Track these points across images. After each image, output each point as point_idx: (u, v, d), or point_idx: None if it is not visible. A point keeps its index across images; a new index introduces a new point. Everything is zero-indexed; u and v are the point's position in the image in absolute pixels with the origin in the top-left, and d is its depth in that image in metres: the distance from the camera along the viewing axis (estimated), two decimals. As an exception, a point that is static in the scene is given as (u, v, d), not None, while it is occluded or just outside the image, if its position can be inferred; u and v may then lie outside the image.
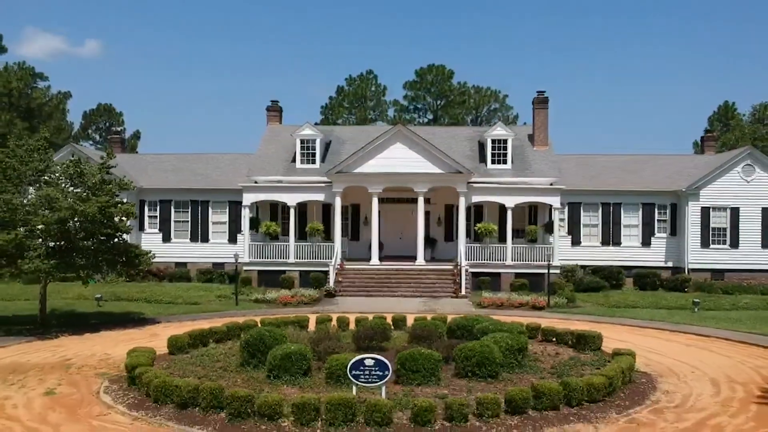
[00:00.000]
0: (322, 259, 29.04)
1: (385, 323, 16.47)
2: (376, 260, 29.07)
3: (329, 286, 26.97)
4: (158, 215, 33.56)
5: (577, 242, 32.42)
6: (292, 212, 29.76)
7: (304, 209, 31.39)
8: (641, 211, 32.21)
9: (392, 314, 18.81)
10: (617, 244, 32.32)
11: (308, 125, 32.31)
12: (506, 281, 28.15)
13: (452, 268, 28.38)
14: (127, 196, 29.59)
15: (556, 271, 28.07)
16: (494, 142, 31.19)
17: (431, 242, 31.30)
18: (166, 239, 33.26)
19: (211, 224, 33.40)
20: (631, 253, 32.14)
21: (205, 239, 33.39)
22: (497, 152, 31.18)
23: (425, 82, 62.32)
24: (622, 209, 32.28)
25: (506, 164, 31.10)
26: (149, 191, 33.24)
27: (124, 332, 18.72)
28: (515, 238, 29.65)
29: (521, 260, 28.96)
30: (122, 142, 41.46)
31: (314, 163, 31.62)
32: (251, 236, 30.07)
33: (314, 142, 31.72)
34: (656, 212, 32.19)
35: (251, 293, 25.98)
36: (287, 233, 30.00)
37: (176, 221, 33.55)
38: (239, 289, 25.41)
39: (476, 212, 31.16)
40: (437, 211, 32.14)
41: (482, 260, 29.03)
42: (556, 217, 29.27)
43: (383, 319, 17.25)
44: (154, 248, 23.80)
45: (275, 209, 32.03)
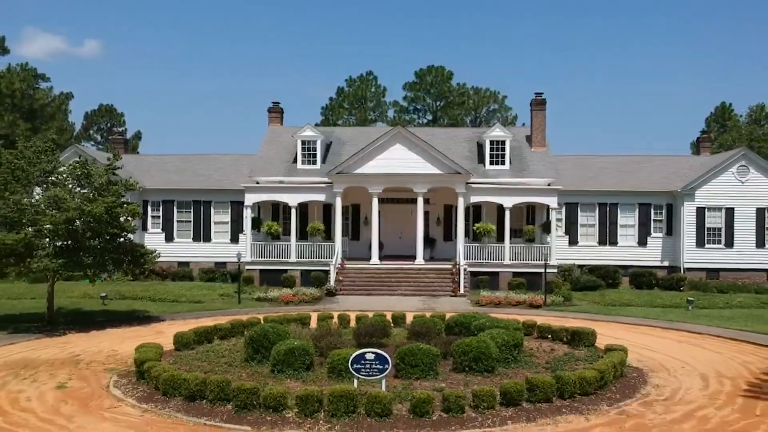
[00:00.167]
0: (322, 258, 29.45)
1: (385, 321, 16.76)
2: (376, 260, 29.50)
3: (330, 285, 27.38)
4: (161, 215, 33.99)
5: (574, 242, 32.85)
6: (293, 212, 30.19)
7: (305, 209, 31.85)
8: (637, 211, 32.65)
9: (392, 312, 19.10)
10: (614, 243, 32.76)
11: (309, 126, 32.73)
12: (504, 280, 28.56)
13: (451, 267, 28.81)
14: (130, 196, 29.95)
15: (553, 270, 28.48)
16: (492, 143, 31.61)
17: (430, 242, 31.72)
18: (168, 239, 33.69)
19: (213, 224, 33.83)
20: (627, 252, 32.58)
21: (207, 239, 33.82)
22: (495, 153, 31.60)
23: (425, 83, 62.68)
24: (618, 209, 32.72)
25: (504, 165, 31.52)
26: (152, 191, 33.64)
27: (129, 330, 19.07)
28: (513, 237, 30.08)
29: (519, 260, 29.40)
30: (125, 143, 41.86)
31: (315, 163, 32.04)
32: (253, 236, 30.48)
33: (315, 143, 32.13)
34: (652, 212, 32.63)
35: (253, 292, 26.38)
36: (288, 233, 30.44)
37: (179, 221, 33.99)
38: (241, 287, 25.85)
39: (475, 212, 31.61)
40: (436, 211, 32.56)
41: (481, 260, 29.45)
42: (553, 217, 29.72)
43: (383, 316, 17.52)
44: (157, 248, 24.00)
45: (276, 209, 32.46)
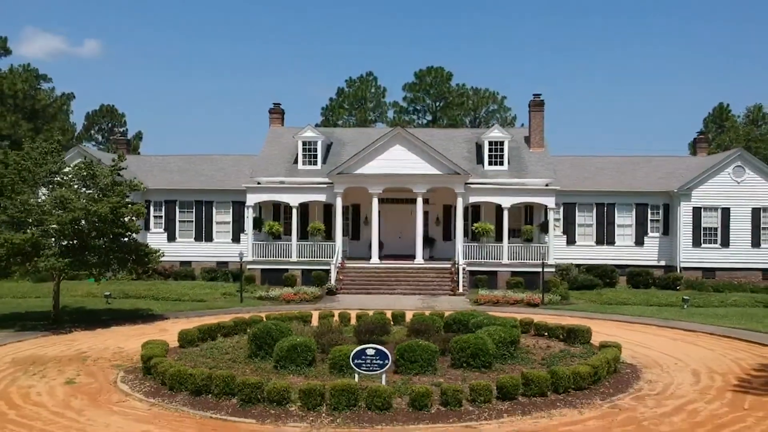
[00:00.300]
0: (323, 257, 29.80)
1: (385, 318, 17.07)
2: (376, 259, 29.84)
3: (331, 284, 27.72)
4: (163, 215, 34.31)
5: (572, 241, 33.19)
6: (294, 212, 30.55)
7: (305, 209, 32.23)
8: (635, 211, 32.98)
9: (392, 311, 19.41)
10: (611, 243, 33.09)
11: (310, 127, 33.07)
12: (503, 279, 28.89)
13: (450, 266, 29.16)
14: (133, 196, 30.31)
15: (551, 269, 28.82)
16: (491, 144, 31.95)
17: (430, 242, 32.06)
18: (171, 239, 34.01)
19: (215, 224, 34.16)
20: (624, 252, 32.90)
21: (209, 239, 34.16)
22: (494, 154, 31.94)
23: (424, 83, 62.98)
24: (616, 209, 33.04)
25: (503, 165, 31.86)
26: (154, 192, 33.96)
27: (134, 328, 19.41)
28: (511, 237, 30.44)
29: (517, 259, 29.76)
30: (127, 143, 42.23)
31: (316, 164, 32.38)
32: (254, 236, 30.83)
33: (316, 143, 32.47)
34: (649, 212, 32.97)
35: (255, 291, 26.72)
36: (290, 233, 30.79)
37: (181, 221, 34.32)
38: (243, 286, 26.20)
39: (474, 212, 31.97)
40: (436, 211, 32.92)
41: (479, 259, 29.80)
42: (551, 217, 30.07)
43: (383, 315, 17.77)
44: (159, 247, 24.45)
45: (278, 209, 32.82)
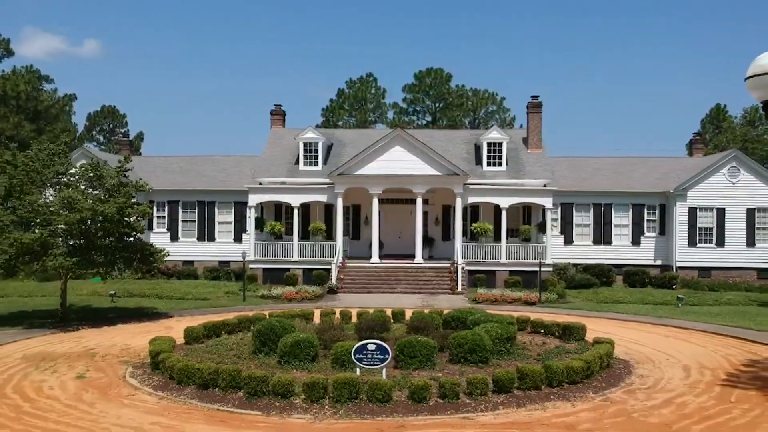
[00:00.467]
0: (324, 257, 30.25)
1: (385, 316, 17.45)
2: (376, 258, 30.28)
3: (331, 283, 28.13)
4: (166, 215, 34.77)
5: (569, 241, 33.63)
6: (295, 212, 30.98)
7: (307, 209, 32.68)
8: (631, 211, 33.43)
9: (392, 309, 19.64)
10: (608, 243, 33.53)
11: (311, 129, 33.53)
12: (501, 278, 29.34)
13: (449, 266, 29.60)
14: (137, 196, 30.76)
15: (548, 269, 29.26)
16: (490, 145, 32.38)
17: (429, 241, 32.51)
18: (174, 239, 34.43)
19: (217, 224, 34.61)
20: (621, 251, 33.36)
21: (211, 238, 34.61)
22: (493, 155, 32.37)
23: (424, 85, 63.44)
24: (612, 210, 33.49)
25: (501, 166, 32.30)
26: (157, 192, 34.36)
27: (139, 325, 19.81)
28: (510, 237, 30.89)
29: (515, 258, 30.20)
30: (130, 144, 42.64)
31: (317, 165, 32.82)
32: (256, 235, 31.27)
33: (317, 145, 32.91)
34: (645, 212, 33.41)
35: (257, 290, 27.14)
36: (291, 233, 31.25)
37: (184, 221, 34.77)
38: (246, 285, 26.63)
39: (472, 212, 32.44)
40: (435, 211, 33.36)
41: (478, 258, 30.24)
42: (548, 217, 30.50)
43: (383, 312, 18.09)
44: (164, 247, 24.95)
45: (279, 209, 33.27)
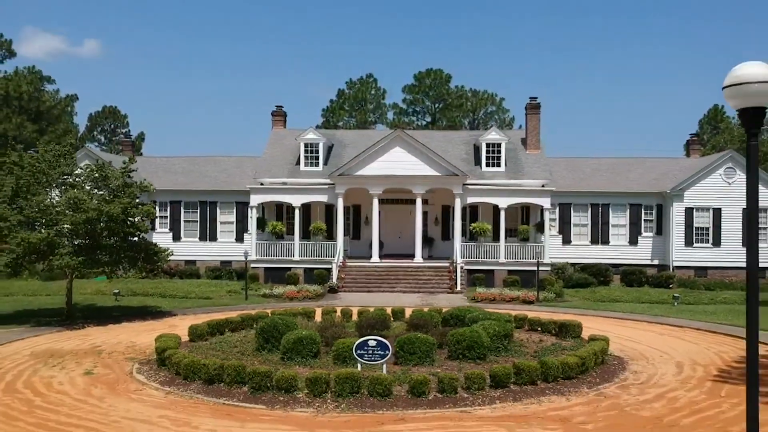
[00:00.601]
0: (325, 257, 30.61)
1: (385, 314, 17.78)
2: (376, 258, 30.63)
3: (332, 282, 28.49)
4: (168, 215, 35.13)
5: (567, 241, 33.98)
6: (296, 212, 31.34)
7: (308, 210, 33.02)
8: (628, 211, 33.79)
9: (392, 307, 19.88)
10: (606, 242, 33.89)
11: (312, 130, 33.89)
12: (499, 278, 29.71)
13: (448, 265, 29.96)
14: (140, 197, 31.11)
15: (546, 268, 29.63)
16: (489, 146, 32.73)
17: (429, 241, 32.87)
18: (176, 238, 34.77)
19: (219, 224, 34.97)
20: (618, 251, 33.72)
21: (213, 238, 34.95)
22: (491, 155, 32.73)
23: (424, 85, 63.84)
24: (610, 210, 33.84)
25: (500, 167, 32.65)
26: (160, 192, 34.46)
27: (144, 323, 20.13)
28: (508, 237, 31.27)
29: (514, 258, 30.56)
30: (132, 144, 42.98)
31: (317, 165, 33.17)
32: (258, 235, 31.62)
33: (317, 145, 33.27)
34: (643, 212, 33.77)
35: (259, 289, 27.49)
36: (292, 232, 31.61)
37: (186, 221, 35.12)
38: (248, 284, 26.97)
39: (471, 212, 32.82)
40: (434, 211, 33.72)
41: (477, 258, 30.60)
42: (546, 217, 30.86)
43: (384, 311, 18.40)
44: (166, 247, 25.28)
45: (280, 209, 33.63)
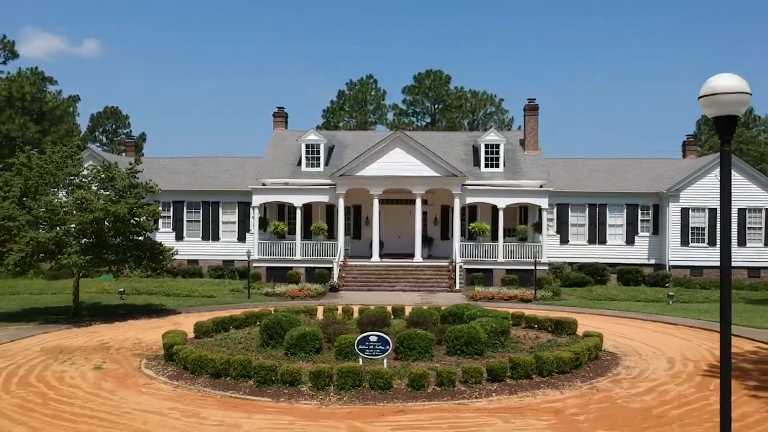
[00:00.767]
0: (326, 256, 31.05)
1: (385, 312, 18.17)
2: (376, 257, 31.07)
3: (333, 281, 28.93)
4: (171, 215, 35.56)
5: (565, 241, 34.43)
6: (298, 213, 31.78)
7: (309, 210, 33.46)
8: (625, 211, 34.23)
9: (392, 305, 20.40)
10: (603, 242, 34.33)
11: (313, 131, 34.34)
12: (498, 277, 30.14)
13: (447, 264, 30.40)
14: (146, 197, 31.55)
15: (544, 267, 30.07)
16: (487, 146, 33.16)
17: (428, 241, 33.31)
18: (179, 238, 35.20)
19: (221, 224, 35.41)
20: (615, 251, 34.16)
21: (215, 238, 35.40)
22: (490, 156, 33.16)
23: (423, 86, 64.29)
24: (607, 210, 34.28)
25: (498, 168, 33.08)
26: (163, 193, 34.89)
27: (149, 321, 20.56)
28: (506, 236, 31.73)
29: (512, 257, 31.01)
30: (135, 145, 43.43)
31: (318, 166, 33.61)
32: (260, 235, 32.08)
33: (318, 146, 33.71)
34: (639, 213, 34.21)
35: (261, 287, 27.91)
36: (294, 232, 32.07)
37: (188, 221, 35.57)
38: (250, 283, 27.43)
39: (470, 212, 33.29)
40: (434, 211, 34.17)
41: (476, 257, 31.05)
42: (544, 217, 31.31)
43: (384, 308, 18.74)
44: (170, 246, 25.70)
45: (282, 210, 34.10)
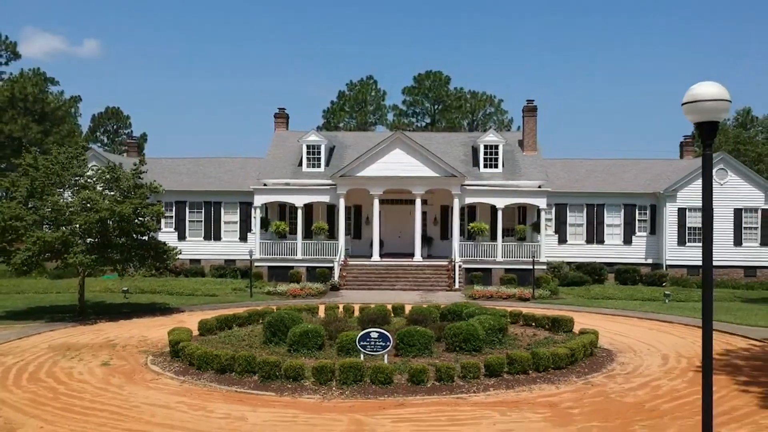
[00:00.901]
0: (327, 255, 31.40)
1: (386, 310, 18.44)
2: (377, 257, 31.42)
3: (334, 280, 29.28)
4: (174, 215, 35.92)
5: (563, 240, 34.78)
6: (299, 212, 32.13)
7: (310, 210, 33.81)
8: (623, 211, 34.58)
9: (392, 304, 20.70)
10: (601, 242, 34.67)
11: (314, 132, 34.69)
12: (497, 276, 30.49)
13: (447, 264, 30.76)
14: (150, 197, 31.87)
15: (542, 267, 30.42)
16: (486, 147, 33.52)
17: (428, 240, 33.66)
18: (181, 238, 35.54)
19: (223, 224, 35.75)
20: (613, 250, 34.50)
21: (217, 238, 35.75)
22: (489, 157, 33.51)
23: (423, 87, 64.65)
24: (605, 210, 34.63)
25: (497, 168, 33.42)
26: (165, 193, 35.17)
27: (153, 319, 20.89)
28: (505, 236, 32.08)
29: (511, 257, 31.35)
30: (137, 146, 43.80)
31: (319, 167, 33.96)
32: (261, 235, 32.43)
33: (319, 147, 34.05)
34: (637, 213, 34.56)
35: (263, 286, 28.26)
36: (295, 232, 32.42)
37: (191, 221, 35.91)
38: (252, 282, 27.79)
39: (469, 212, 33.65)
40: (433, 211, 34.52)
41: (475, 257, 31.39)
42: (543, 217, 31.67)
43: (384, 307, 18.96)
44: (174, 246, 26.03)
45: (283, 209, 34.46)
